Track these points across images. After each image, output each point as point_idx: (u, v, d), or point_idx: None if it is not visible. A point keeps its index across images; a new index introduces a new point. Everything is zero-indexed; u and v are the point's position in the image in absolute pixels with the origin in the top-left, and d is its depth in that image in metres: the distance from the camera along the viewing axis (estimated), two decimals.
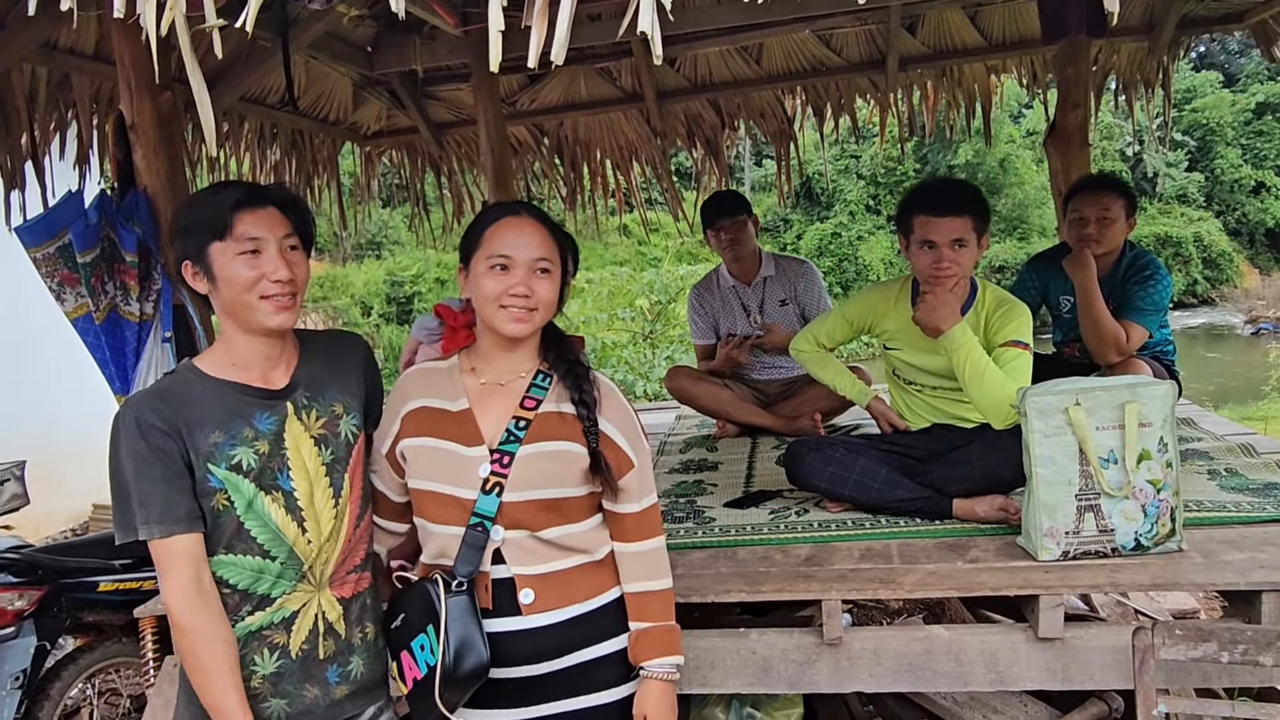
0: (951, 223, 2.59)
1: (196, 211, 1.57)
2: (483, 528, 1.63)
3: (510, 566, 1.66)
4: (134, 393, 1.61)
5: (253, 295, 1.56)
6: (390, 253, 21.39)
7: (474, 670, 1.58)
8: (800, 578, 2.34)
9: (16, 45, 3.07)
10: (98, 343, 2.50)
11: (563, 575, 1.69)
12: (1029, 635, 2.20)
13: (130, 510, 1.51)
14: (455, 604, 1.59)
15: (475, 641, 1.58)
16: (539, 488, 1.65)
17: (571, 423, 1.69)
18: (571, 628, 1.68)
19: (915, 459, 2.78)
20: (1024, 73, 5.23)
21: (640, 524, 1.75)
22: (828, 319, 3.11)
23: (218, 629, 1.52)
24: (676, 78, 5.19)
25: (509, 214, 1.70)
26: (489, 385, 1.72)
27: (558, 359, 1.73)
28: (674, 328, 9.69)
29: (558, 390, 1.71)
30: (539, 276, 1.66)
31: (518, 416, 1.67)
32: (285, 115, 4.82)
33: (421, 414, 1.71)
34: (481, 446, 1.66)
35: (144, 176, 2.56)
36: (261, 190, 1.62)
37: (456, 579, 1.61)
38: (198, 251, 1.56)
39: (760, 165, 25.48)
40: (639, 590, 1.75)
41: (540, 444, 1.66)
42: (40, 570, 3.11)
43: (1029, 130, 25.62)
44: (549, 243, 1.68)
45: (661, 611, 1.76)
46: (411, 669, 1.64)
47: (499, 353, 1.72)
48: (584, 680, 1.69)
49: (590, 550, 1.72)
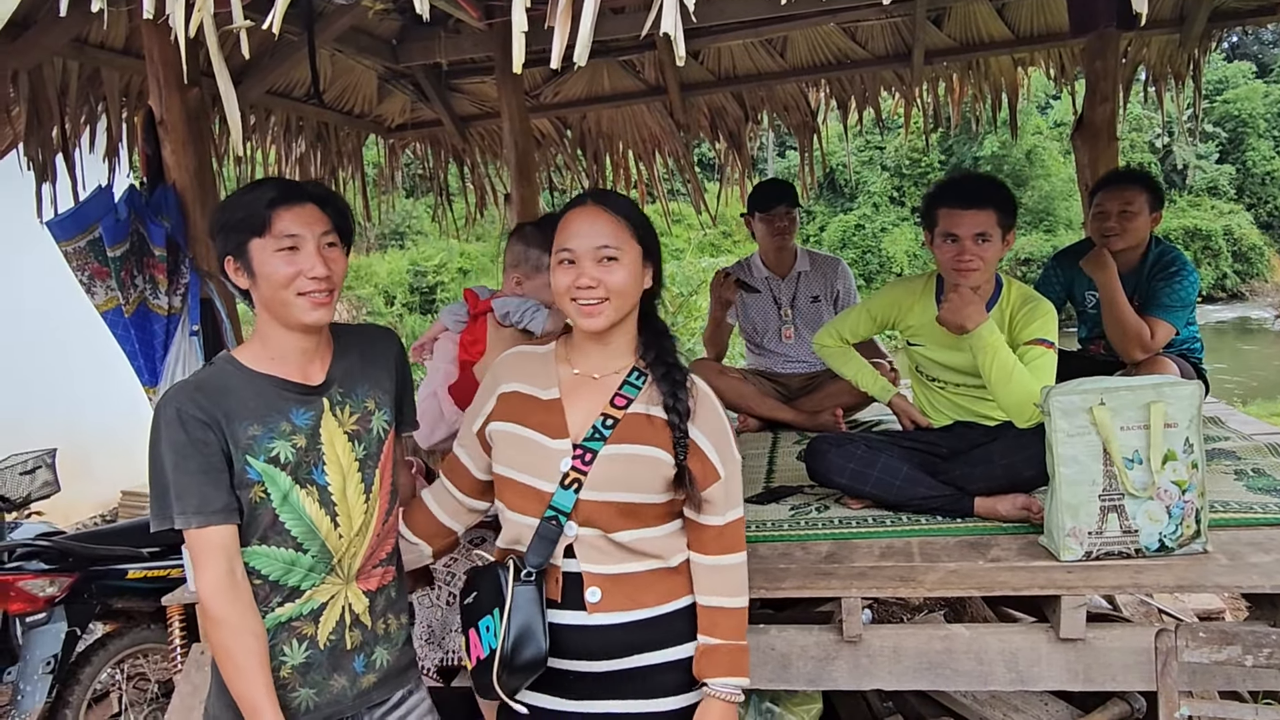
0: (975, 216, 2.58)
1: (237, 208, 1.58)
2: (557, 522, 1.61)
3: (581, 563, 1.64)
4: (175, 384, 1.63)
5: (290, 291, 1.57)
6: (413, 243, 21.50)
7: (531, 660, 1.57)
8: (820, 575, 2.34)
9: (48, 40, 3.11)
10: (127, 335, 2.54)
11: (633, 578, 1.65)
12: (1050, 635, 2.19)
13: (167, 499, 1.53)
14: (521, 593, 1.58)
15: (536, 632, 1.57)
16: (617, 490, 1.62)
17: (660, 428, 1.64)
18: (637, 630, 1.65)
19: (937, 456, 2.77)
20: (1051, 66, 5.16)
21: (722, 538, 1.69)
22: (851, 314, 3.10)
23: (248, 621, 1.54)
24: (700, 70, 5.17)
25: (575, 206, 1.66)
26: (582, 377, 1.69)
27: (656, 360, 1.68)
28: (695, 320, 9.68)
29: (650, 391, 1.66)
30: (605, 265, 1.60)
31: (606, 414, 1.64)
32: (311, 108, 4.85)
33: (513, 399, 1.70)
34: (565, 440, 1.64)
35: (172, 172, 2.59)
36: (300, 187, 1.63)
37: (526, 569, 1.60)
38: (239, 248, 1.58)
39: (783, 156, 25.36)
40: (713, 605, 1.69)
41: (625, 446, 1.62)
42: (71, 557, 3.16)
43: (1056, 122, 25.35)
44: (617, 229, 1.62)
45: (733, 630, 1.69)
46: (476, 647, 1.64)
47: (590, 346, 1.69)
48: (647, 684, 1.66)
49: (664, 557, 1.68)
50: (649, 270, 1.68)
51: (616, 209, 1.64)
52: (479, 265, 20.38)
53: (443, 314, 3.23)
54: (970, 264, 2.59)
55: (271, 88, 4.42)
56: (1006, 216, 2.61)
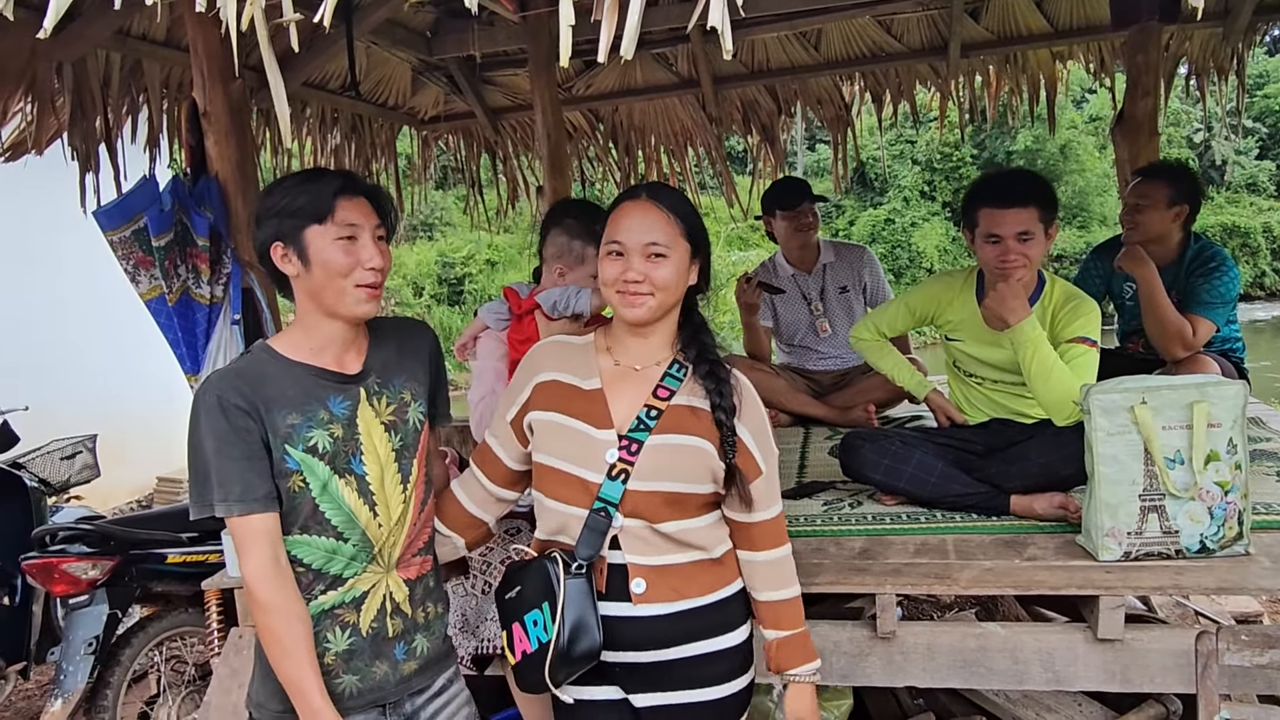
0: (1017, 215, 2.55)
1: (296, 195, 1.59)
2: (606, 513, 1.62)
3: (625, 554, 1.65)
4: (214, 371, 1.64)
5: (348, 281, 1.59)
6: (442, 234, 21.59)
7: (586, 652, 1.59)
8: (854, 571, 2.33)
9: (92, 32, 3.16)
10: (170, 324, 2.58)
11: (677, 569, 1.67)
12: (1088, 635, 2.17)
13: (209, 486, 1.54)
14: (574, 586, 1.59)
15: (590, 625, 1.58)
16: (664, 480, 1.63)
17: (704, 418, 1.66)
18: (682, 620, 1.66)
19: (973, 454, 2.75)
20: (1091, 59, 5.09)
21: (772, 531, 1.73)
22: (889, 308, 3.08)
23: (294, 605, 1.56)
24: (733, 64, 5.15)
25: (628, 198, 1.68)
26: (624, 368, 1.71)
27: (699, 357, 1.69)
28: (724, 313, 9.65)
29: (692, 384, 1.68)
30: (653, 261, 1.62)
31: (650, 405, 1.66)
32: (346, 100, 4.89)
33: (553, 388, 1.70)
34: (611, 431, 1.65)
35: (215, 163, 2.62)
36: (358, 180, 1.65)
37: (577, 561, 1.61)
38: (293, 233, 1.58)
39: (813, 150, 25.20)
40: (773, 599, 1.73)
41: (670, 436, 1.64)
42: (112, 541, 3.21)
43: (1091, 116, 24.98)
44: (668, 226, 1.63)
45: (796, 618, 1.75)
46: (522, 641, 1.65)
47: (631, 338, 1.71)
48: (694, 674, 1.68)
49: (707, 548, 1.69)
50: (695, 267, 1.70)
51: (670, 206, 1.66)
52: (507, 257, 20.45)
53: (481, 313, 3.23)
54: (1014, 263, 2.56)
55: (308, 80, 4.46)
56: (1048, 212, 2.58)
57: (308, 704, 1.54)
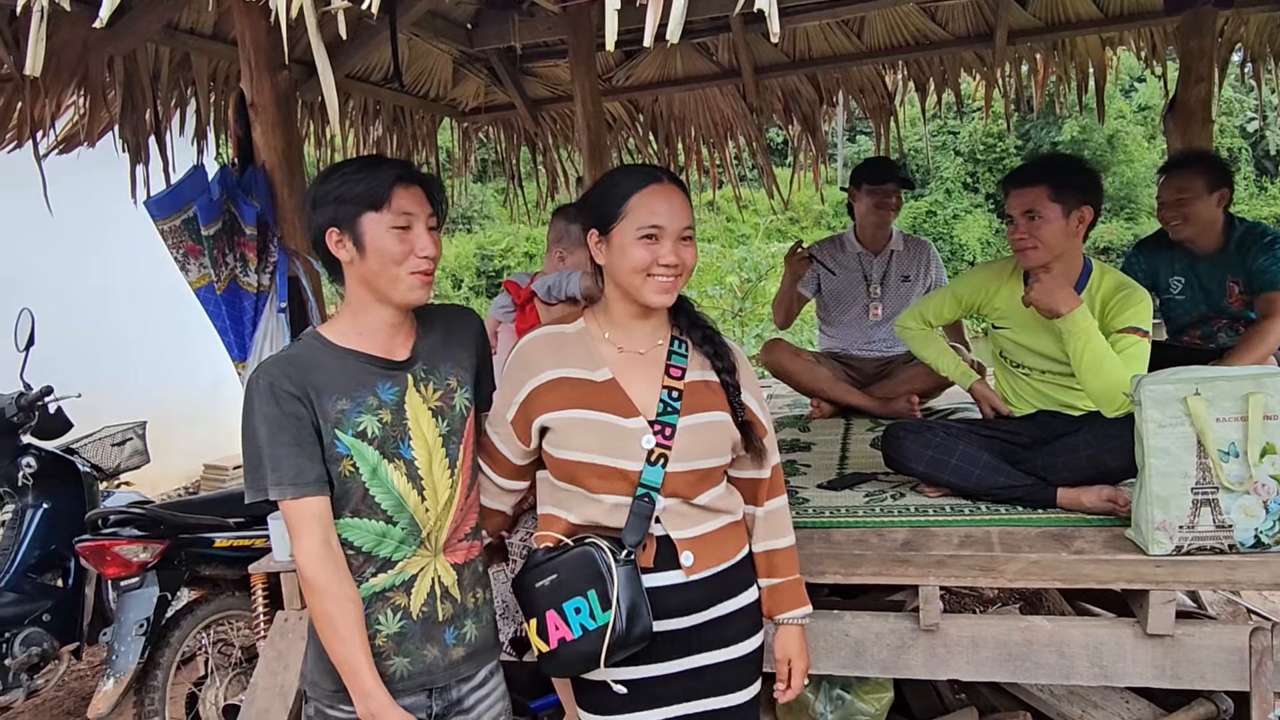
0: (1023, 194, 2.55)
1: (355, 182, 1.60)
2: (649, 498, 1.65)
3: (668, 530, 1.69)
4: (267, 358, 1.67)
5: (402, 269, 1.61)
6: (480, 227, 21.73)
7: (641, 635, 1.62)
8: (897, 562, 2.31)
9: (142, 26, 3.21)
10: (218, 312, 2.62)
11: (714, 535, 1.73)
12: (1137, 631, 2.13)
13: (262, 471, 1.57)
14: (624, 572, 1.61)
15: (642, 609, 1.61)
16: (699, 458, 1.68)
17: (717, 390, 1.72)
18: (717, 580, 1.72)
19: (1018, 445, 2.71)
20: (1142, 45, 4.97)
21: (773, 484, 1.82)
22: (935, 297, 3.05)
23: (346, 588, 1.58)
24: (774, 53, 5.11)
25: (653, 181, 1.66)
26: (629, 354, 1.72)
27: (691, 326, 1.75)
28: (763, 306, 9.60)
29: (697, 357, 1.74)
30: (684, 244, 1.66)
31: (669, 386, 1.69)
32: (388, 92, 4.93)
33: (562, 385, 1.69)
34: (639, 418, 1.66)
35: (262, 153, 2.66)
36: (414, 169, 1.67)
37: (625, 548, 1.63)
38: (349, 219, 1.60)
39: (853, 141, 24.96)
40: (770, 548, 1.82)
41: (699, 415, 1.69)
42: (162, 525, 3.28)
43: (1140, 105, 24.41)
44: (689, 209, 1.68)
45: (790, 566, 1.83)
46: (560, 629, 1.65)
47: (635, 321, 1.72)
48: (723, 633, 1.73)
49: (733, 511, 1.77)
50: None
51: (683, 187, 1.71)
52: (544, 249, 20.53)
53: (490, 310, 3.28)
54: (1022, 243, 2.56)
55: (351, 72, 4.50)
56: (1063, 192, 2.51)
57: (359, 684, 1.56)
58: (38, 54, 1.51)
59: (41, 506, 3.51)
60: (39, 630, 3.34)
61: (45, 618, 3.38)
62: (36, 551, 3.45)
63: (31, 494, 3.52)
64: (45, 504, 3.51)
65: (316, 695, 1.69)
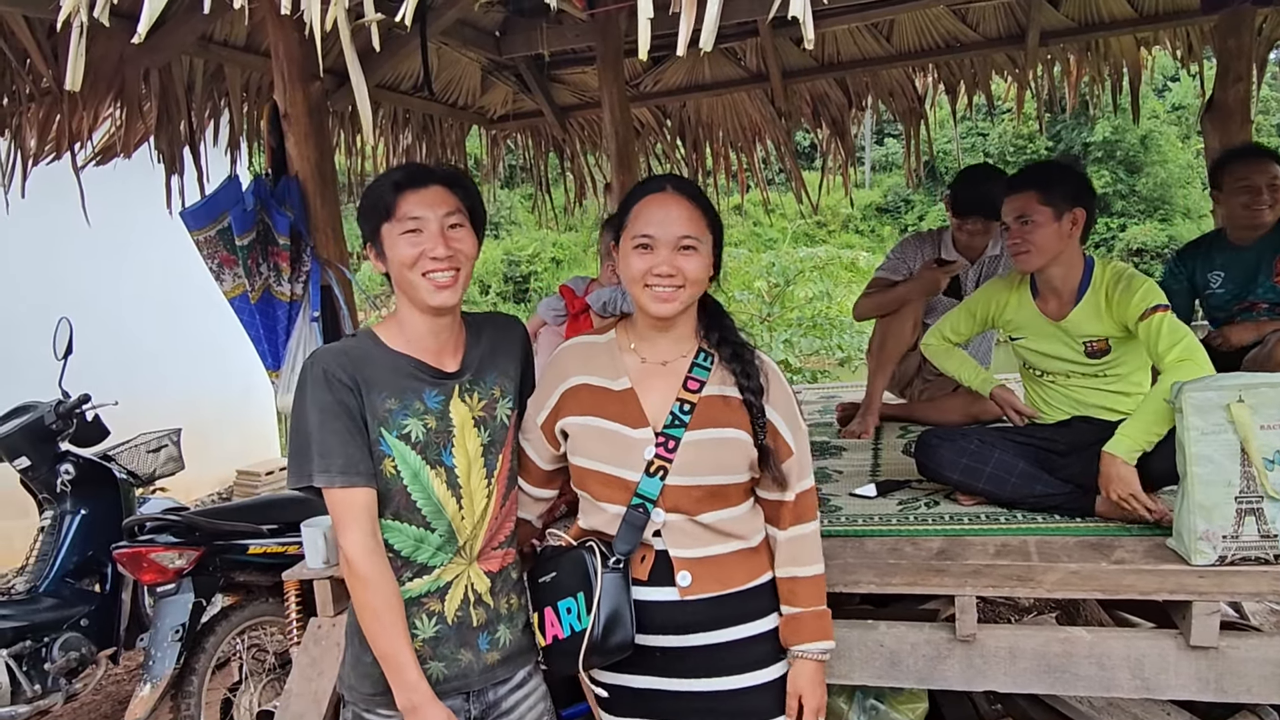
0: (1014, 200, 2.58)
1: (370, 196, 1.65)
2: (644, 509, 1.64)
3: (669, 547, 1.67)
4: (321, 347, 1.71)
5: (415, 273, 1.61)
6: (508, 233, 21.86)
7: (619, 645, 1.62)
8: (932, 571, 2.28)
9: (177, 39, 3.27)
10: (252, 321, 2.64)
11: (720, 560, 1.69)
12: (1179, 642, 2.09)
13: (309, 458, 1.57)
14: (610, 580, 1.62)
15: (624, 618, 1.61)
16: (703, 474, 1.65)
17: (736, 407, 1.67)
18: (724, 604, 1.69)
19: (1054, 453, 2.67)
20: (1178, 45, 4.90)
21: (796, 509, 1.74)
22: (952, 314, 3.04)
23: (390, 581, 1.59)
24: (803, 57, 5.09)
25: (654, 190, 1.67)
26: (651, 365, 1.71)
27: (721, 341, 1.72)
28: (791, 310, 9.56)
29: (721, 372, 1.70)
30: (684, 254, 1.62)
31: (682, 399, 1.67)
32: (418, 100, 4.97)
33: (582, 392, 1.71)
34: (646, 429, 1.66)
35: (295, 163, 2.68)
36: (426, 170, 1.67)
37: (615, 556, 1.64)
38: (373, 233, 1.64)
39: (881, 144, 24.83)
40: (790, 575, 1.75)
41: (706, 430, 1.65)
42: (197, 532, 3.31)
43: (1174, 105, 24.12)
44: (695, 219, 1.64)
45: (812, 596, 1.75)
46: (554, 626, 1.69)
47: (654, 332, 1.71)
48: (734, 658, 1.69)
49: (747, 537, 1.72)
50: (713, 258, 1.70)
51: (693, 197, 1.67)
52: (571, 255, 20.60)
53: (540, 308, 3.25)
54: (1017, 247, 2.57)
55: (381, 81, 4.54)
56: (1052, 195, 2.51)
57: (403, 678, 1.57)
58: (77, 69, 1.52)
59: (79, 513, 3.56)
60: (77, 635, 3.39)
61: (83, 623, 3.43)
62: (75, 557, 3.51)
63: (70, 500, 3.57)
64: (83, 510, 3.57)
65: (354, 699, 1.70)
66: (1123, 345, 2.60)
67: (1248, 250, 3.24)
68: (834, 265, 10.29)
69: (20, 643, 3.25)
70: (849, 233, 23.13)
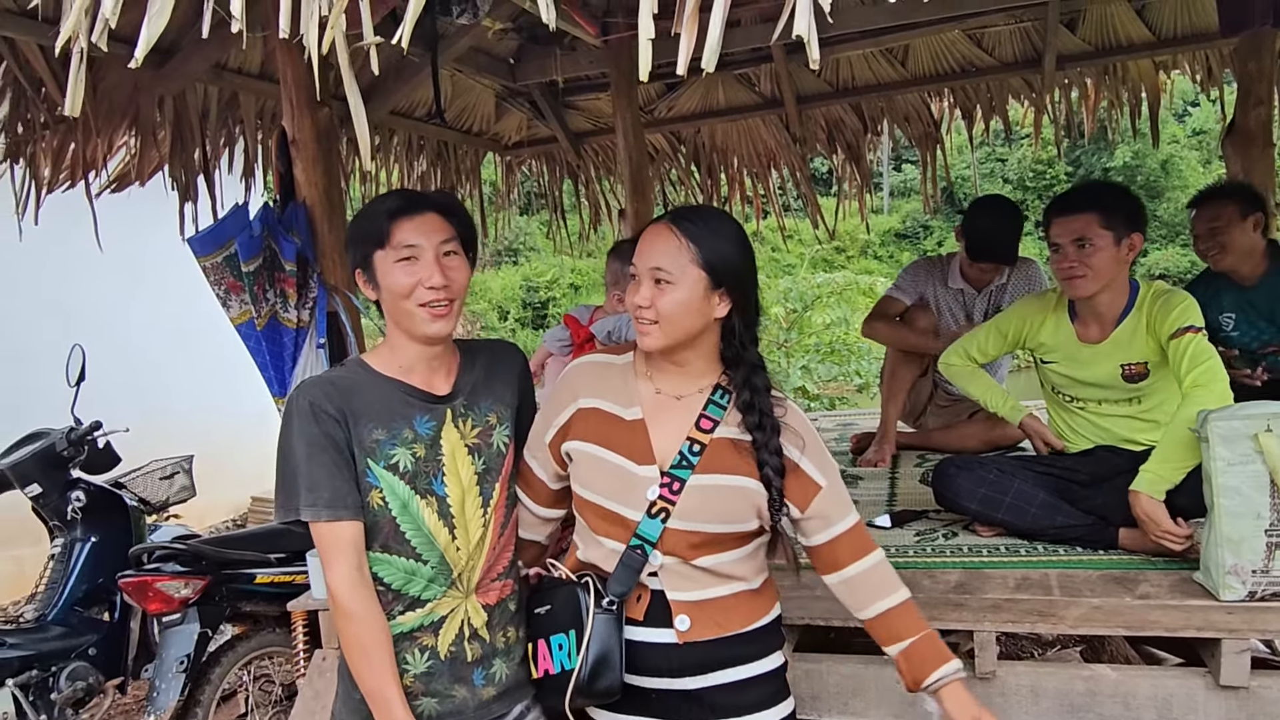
0: (1071, 221, 2.47)
1: (362, 222, 1.63)
2: (642, 551, 1.59)
3: (666, 589, 1.62)
4: (309, 378, 1.68)
5: (410, 302, 1.58)
6: (526, 259, 21.95)
7: (606, 689, 1.57)
8: (950, 606, 2.21)
9: (190, 66, 3.28)
10: (259, 348, 2.62)
11: (720, 603, 1.63)
12: (1208, 681, 2.01)
13: (296, 491, 1.54)
14: (601, 621, 1.56)
15: (613, 661, 1.55)
16: (706, 521, 1.59)
17: (747, 452, 1.60)
18: (724, 646, 1.63)
19: (1076, 483, 2.60)
20: (1197, 68, 4.84)
21: (854, 544, 1.65)
22: (980, 332, 2.94)
23: (377, 616, 1.55)
24: (817, 82, 5.07)
25: (653, 222, 1.63)
26: (665, 397, 1.65)
27: (743, 385, 1.61)
28: (809, 336, 9.50)
29: (735, 413, 1.62)
30: (658, 288, 1.55)
31: (692, 439, 1.60)
32: (432, 127, 4.99)
33: (592, 416, 1.66)
34: (653, 466, 1.60)
35: (303, 189, 2.67)
36: (420, 197, 1.64)
37: (608, 596, 1.58)
38: (364, 260, 1.61)
39: (899, 170, 24.80)
40: (881, 610, 1.63)
41: (714, 476, 1.58)
42: (204, 560, 3.28)
43: (1194, 130, 23.99)
44: (677, 253, 1.54)
45: (915, 623, 1.63)
46: (546, 660, 1.65)
47: (668, 364, 1.65)
48: (737, 700, 1.63)
49: (747, 578, 1.66)
50: (722, 298, 1.57)
51: (689, 232, 1.55)
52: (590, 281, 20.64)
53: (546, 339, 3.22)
54: (1072, 271, 2.48)
55: (395, 108, 4.55)
56: (1113, 219, 2.45)
57: (390, 715, 1.52)
58: (77, 94, 1.51)
59: (90, 540, 3.53)
60: (84, 665, 3.35)
61: (91, 652, 3.39)
62: (84, 585, 3.47)
63: (80, 528, 3.55)
64: (93, 538, 3.54)
65: None
66: (1160, 370, 2.52)
67: (1255, 291, 3.14)
68: (852, 291, 10.25)
69: (27, 672, 3.21)
70: (867, 258, 23.07)
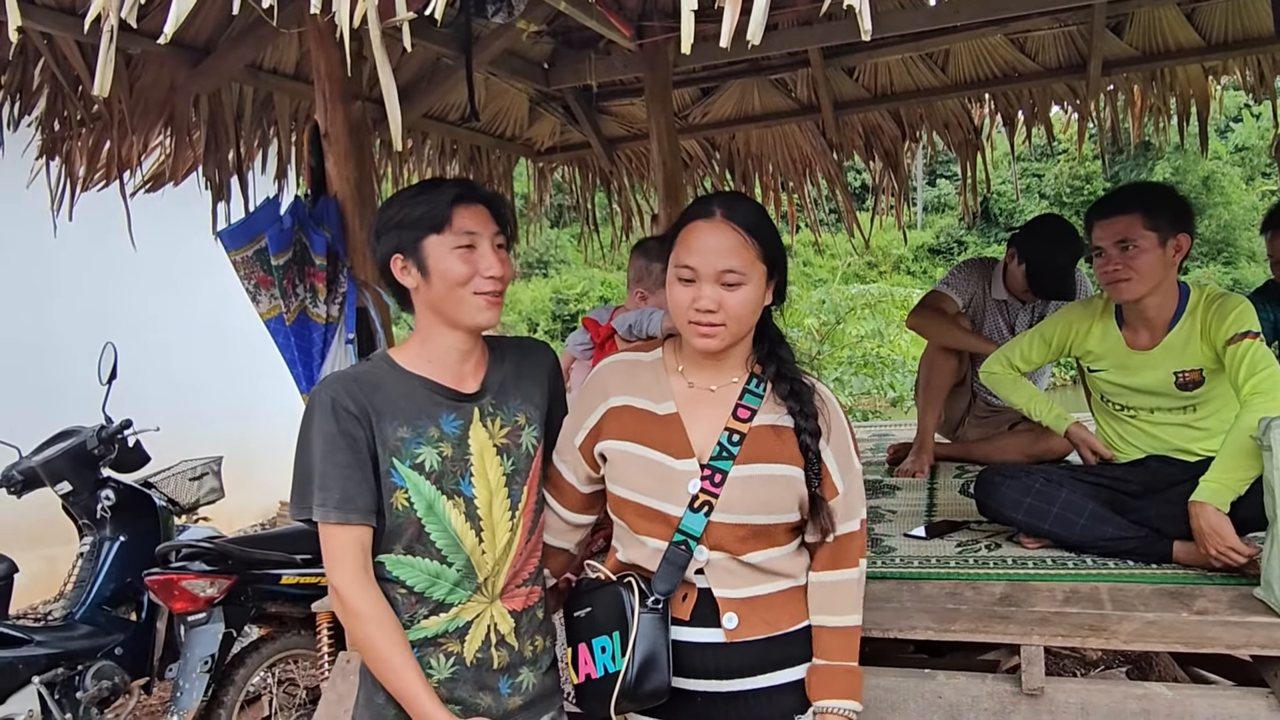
0: (1114, 223, 2.40)
1: (414, 206, 1.56)
2: (686, 546, 1.53)
3: (713, 586, 1.56)
4: (332, 373, 1.64)
5: (466, 290, 1.55)
6: (556, 271, 22.00)
7: (654, 691, 1.51)
8: (995, 618, 2.12)
9: (226, 66, 3.28)
10: (287, 343, 2.59)
11: (768, 600, 1.58)
12: (1271, 703, 1.91)
13: (310, 489, 1.51)
14: (647, 621, 1.51)
15: (661, 662, 1.50)
16: (751, 513, 1.54)
17: (788, 438, 1.56)
18: (769, 647, 1.57)
19: (1127, 494, 2.50)
20: (1248, 74, 4.71)
21: (837, 553, 1.61)
22: (1023, 340, 2.84)
23: (386, 613, 1.51)
24: (854, 87, 5.00)
25: (702, 215, 1.55)
26: (698, 390, 1.61)
27: (779, 375, 1.59)
28: (842, 349, 9.39)
29: (772, 400, 1.58)
30: (728, 289, 1.50)
31: (731, 429, 1.55)
32: (464, 131, 4.97)
33: (624, 414, 1.61)
34: (692, 460, 1.55)
35: (334, 183, 2.64)
36: (476, 187, 1.62)
37: (653, 595, 1.53)
38: (412, 244, 1.56)
39: (933, 185, 24.59)
40: (821, 623, 1.62)
41: (756, 465, 1.54)
42: (230, 560, 3.26)
43: (1237, 145, 23.55)
44: (743, 249, 1.50)
45: (844, 651, 1.61)
46: (587, 664, 1.58)
47: (702, 359, 1.60)
48: (769, 706, 1.58)
49: (795, 575, 1.61)
50: (771, 286, 1.57)
51: (747, 225, 1.52)
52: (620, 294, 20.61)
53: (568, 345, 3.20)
54: (1116, 274, 2.39)
55: (428, 111, 4.54)
56: (1158, 219, 2.37)
57: (420, 709, 1.48)
58: (106, 74, 1.48)
59: (118, 539, 3.53)
60: (111, 664, 3.33)
61: (117, 651, 3.37)
62: (111, 584, 3.46)
63: (109, 526, 3.54)
64: (122, 537, 3.53)
65: None
66: (1216, 377, 2.42)
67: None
68: (886, 303, 10.12)
69: (53, 670, 3.20)
70: (900, 273, 22.84)
